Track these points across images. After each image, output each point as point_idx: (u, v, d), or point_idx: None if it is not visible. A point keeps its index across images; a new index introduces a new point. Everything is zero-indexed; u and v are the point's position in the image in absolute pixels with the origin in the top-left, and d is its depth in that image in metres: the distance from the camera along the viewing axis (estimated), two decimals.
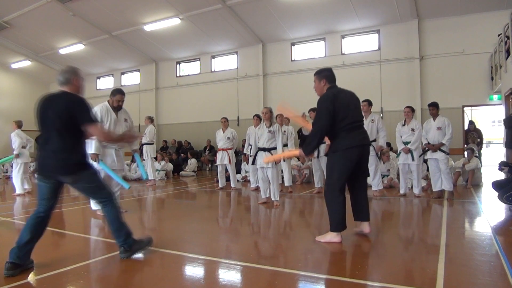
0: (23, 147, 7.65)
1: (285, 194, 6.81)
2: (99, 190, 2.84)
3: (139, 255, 2.98)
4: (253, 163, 5.98)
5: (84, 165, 2.78)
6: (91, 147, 4.59)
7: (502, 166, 5.59)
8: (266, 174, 5.66)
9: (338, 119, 3.29)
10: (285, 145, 6.53)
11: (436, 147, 5.98)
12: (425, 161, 6.79)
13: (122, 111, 4.95)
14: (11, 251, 2.56)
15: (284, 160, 6.21)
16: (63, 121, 2.63)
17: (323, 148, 6.71)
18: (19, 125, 7.74)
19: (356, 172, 3.43)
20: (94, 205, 5.03)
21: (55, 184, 2.73)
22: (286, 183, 7.27)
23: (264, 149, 5.70)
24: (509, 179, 5.32)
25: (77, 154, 2.75)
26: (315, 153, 6.69)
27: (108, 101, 4.86)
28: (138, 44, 14.27)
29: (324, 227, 4.22)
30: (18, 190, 7.48)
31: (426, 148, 6.16)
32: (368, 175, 6.72)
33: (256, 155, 5.83)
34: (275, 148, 5.69)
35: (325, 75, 3.53)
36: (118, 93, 4.85)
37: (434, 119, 6.12)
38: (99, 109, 4.75)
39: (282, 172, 7.41)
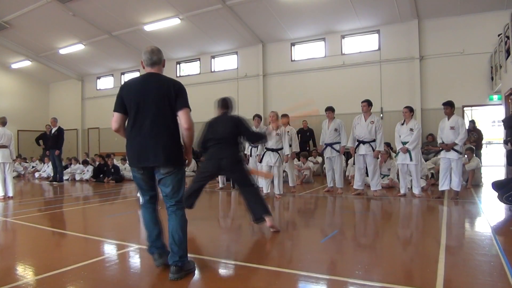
0: (3, 146, 6.93)
1: (286, 194, 6.81)
2: (179, 190, 2.59)
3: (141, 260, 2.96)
4: (260, 161, 6.54)
5: (181, 158, 2.56)
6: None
7: (505, 142, 5.53)
8: (273, 171, 6.35)
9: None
10: (290, 145, 6.65)
11: (449, 147, 5.90)
12: (425, 160, 6.76)
13: None
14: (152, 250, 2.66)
15: (286, 161, 6.74)
16: (170, 103, 2.52)
17: (328, 149, 6.93)
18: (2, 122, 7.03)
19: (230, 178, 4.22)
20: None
21: (149, 174, 2.56)
22: (290, 184, 7.31)
23: (272, 150, 6.36)
24: (509, 179, 5.32)
25: (178, 143, 2.55)
26: (327, 153, 6.95)
27: None
28: (138, 44, 14.24)
29: (325, 227, 4.22)
30: None
31: (441, 148, 6.11)
32: (367, 175, 6.76)
33: (264, 154, 6.43)
34: (281, 149, 6.40)
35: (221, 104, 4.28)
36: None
37: (448, 118, 6.02)
38: None
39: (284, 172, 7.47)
